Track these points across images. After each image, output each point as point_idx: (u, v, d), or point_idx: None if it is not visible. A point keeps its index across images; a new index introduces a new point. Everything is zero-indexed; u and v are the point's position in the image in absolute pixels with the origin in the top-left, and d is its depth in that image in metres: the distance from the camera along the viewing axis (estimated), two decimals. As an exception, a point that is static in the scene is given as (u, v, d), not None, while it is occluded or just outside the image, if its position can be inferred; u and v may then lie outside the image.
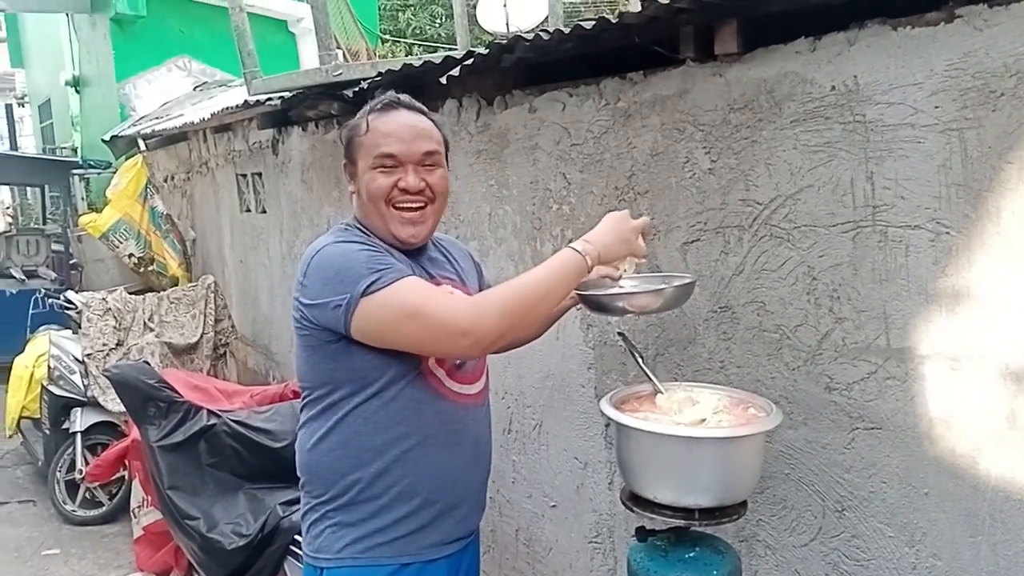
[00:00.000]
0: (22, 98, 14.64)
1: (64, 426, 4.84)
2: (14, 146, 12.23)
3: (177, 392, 2.92)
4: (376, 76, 3.18)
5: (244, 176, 5.43)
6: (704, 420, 1.63)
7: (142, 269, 6.53)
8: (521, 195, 2.75)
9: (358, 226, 1.78)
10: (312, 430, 1.75)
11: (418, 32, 17.03)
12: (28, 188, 10.85)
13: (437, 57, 2.93)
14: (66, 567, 4.28)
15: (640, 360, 1.87)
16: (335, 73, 3.43)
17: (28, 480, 5.51)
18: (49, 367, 4.89)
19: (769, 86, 1.90)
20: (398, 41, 16.11)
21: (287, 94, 3.90)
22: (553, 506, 2.81)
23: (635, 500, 1.67)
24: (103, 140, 8.22)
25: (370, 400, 1.69)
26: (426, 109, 1.80)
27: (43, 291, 6.45)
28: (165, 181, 7.54)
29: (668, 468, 1.59)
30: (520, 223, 2.77)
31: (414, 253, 1.80)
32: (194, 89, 8.55)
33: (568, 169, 2.52)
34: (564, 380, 2.67)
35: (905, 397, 1.71)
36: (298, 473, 1.81)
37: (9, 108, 12.60)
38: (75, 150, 10.70)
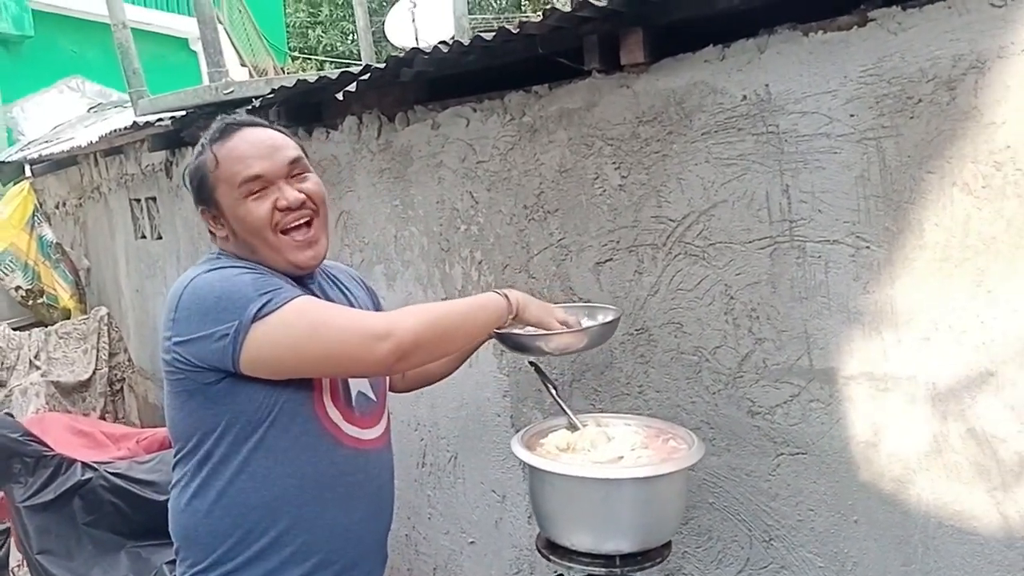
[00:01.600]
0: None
1: (-58, 476, 4.45)
2: None
3: (46, 445, 2.62)
4: (269, 93, 2.99)
5: (138, 201, 5.12)
6: (621, 458, 1.51)
7: (31, 302, 6.10)
8: (427, 215, 2.60)
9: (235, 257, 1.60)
10: (187, 489, 1.55)
11: (329, 49, 16.76)
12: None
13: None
14: (-58, 634, 3.90)
15: (554, 392, 1.75)
16: (226, 91, 3.22)
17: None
18: (-77, 412, 4.49)
19: (678, 97, 1.80)
20: (308, 58, 15.80)
21: (179, 114, 3.67)
22: (471, 542, 2.65)
23: (551, 548, 1.54)
24: (-12, 166, 7.71)
25: (256, 450, 1.51)
26: (266, 122, 1.64)
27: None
28: (56, 208, 7.11)
29: (585, 512, 1.46)
30: (427, 245, 2.62)
31: (302, 281, 1.63)
32: (88, 111, 8.10)
33: (475, 187, 2.39)
34: (479, 409, 2.53)
35: (830, 420, 1.63)
36: (172, 538, 1.61)
37: None
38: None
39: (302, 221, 1.55)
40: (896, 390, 1.52)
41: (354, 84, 2.59)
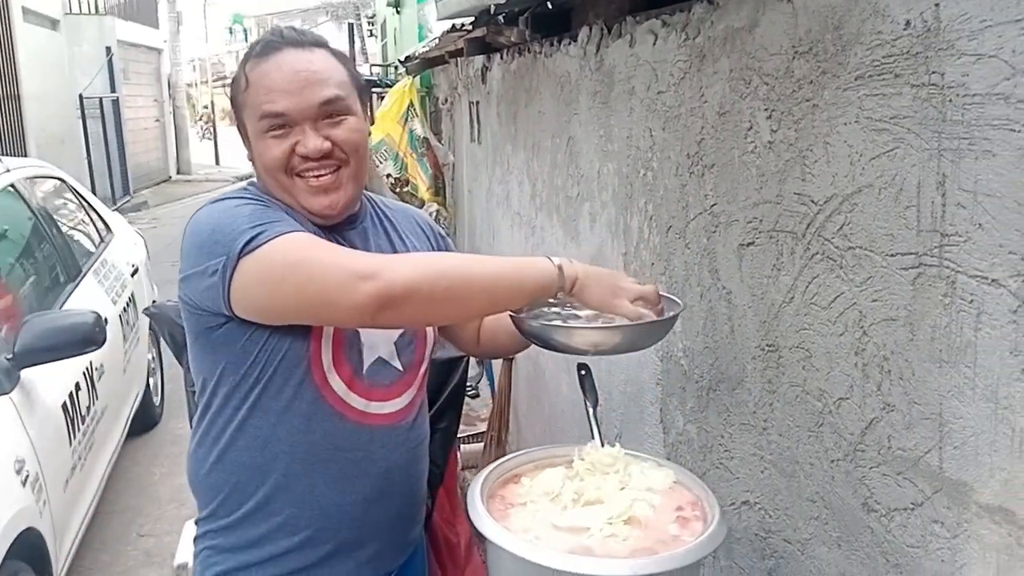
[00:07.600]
0: (371, 18, 15.95)
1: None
2: (351, 62, 13.28)
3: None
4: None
5: (472, 104, 5.24)
6: (587, 529, 1.08)
7: (398, 190, 6.70)
8: (619, 152, 2.18)
9: (260, 189, 1.45)
10: (195, 435, 1.50)
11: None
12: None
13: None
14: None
15: (590, 411, 1.35)
16: (487, -6, 3.01)
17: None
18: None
19: (837, 19, 1.19)
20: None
21: (468, 20, 3.57)
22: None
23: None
24: (399, 60, 8.54)
25: (253, 410, 1.39)
26: (323, 39, 1.40)
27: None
28: (442, 104, 7.64)
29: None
30: (618, 187, 2.22)
31: (337, 226, 1.44)
32: (485, 10, 8.52)
33: (654, 123, 1.92)
34: (638, 391, 2.13)
35: (953, 563, 1.01)
36: None
37: (351, 27, 13.72)
38: (395, 67, 11.33)
39: (324, 172, 1.36)
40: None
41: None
